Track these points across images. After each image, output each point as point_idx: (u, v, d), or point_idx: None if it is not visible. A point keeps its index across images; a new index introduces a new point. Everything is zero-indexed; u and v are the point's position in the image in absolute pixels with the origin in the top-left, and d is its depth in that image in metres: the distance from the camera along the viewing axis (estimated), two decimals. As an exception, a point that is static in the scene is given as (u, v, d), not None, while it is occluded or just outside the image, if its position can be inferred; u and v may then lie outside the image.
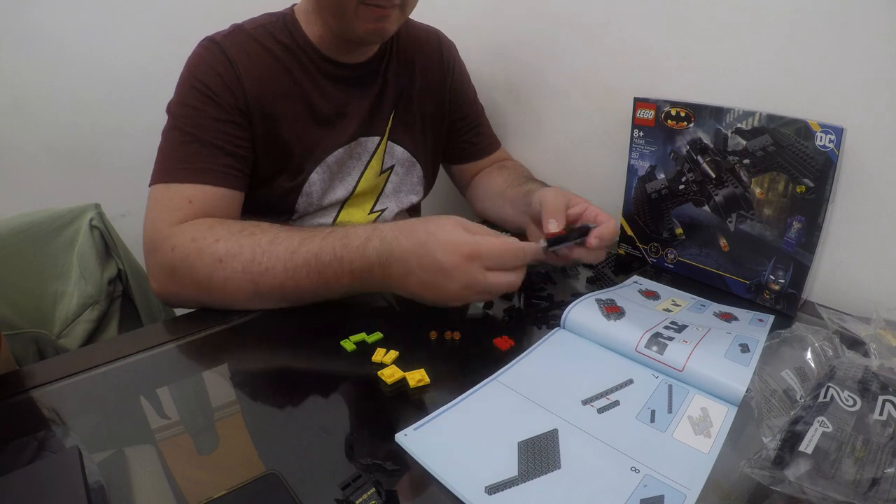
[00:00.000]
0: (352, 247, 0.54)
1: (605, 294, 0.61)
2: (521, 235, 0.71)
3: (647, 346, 0.50)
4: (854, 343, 0.46)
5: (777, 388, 0.44)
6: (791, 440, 0.36)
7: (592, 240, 0.58)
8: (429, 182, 0.87)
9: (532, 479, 0.37)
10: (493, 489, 0.36)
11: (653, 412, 0.44)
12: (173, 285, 0.58)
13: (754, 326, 0.55)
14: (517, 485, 0.36)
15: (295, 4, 0.73)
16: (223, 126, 0.63)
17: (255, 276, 0.55)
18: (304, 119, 0.70)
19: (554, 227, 0.59)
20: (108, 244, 0.83)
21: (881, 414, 0.37)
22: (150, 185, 0.62)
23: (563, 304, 0.57)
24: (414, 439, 0.40)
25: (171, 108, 0.65)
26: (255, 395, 0.47)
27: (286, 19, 0.70)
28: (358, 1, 0.61)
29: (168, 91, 0.66)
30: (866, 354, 0.44)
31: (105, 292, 0.82)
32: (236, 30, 0.68)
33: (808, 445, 0.35)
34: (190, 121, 0.62)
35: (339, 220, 0.78)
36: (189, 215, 0.59)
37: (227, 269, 0.55)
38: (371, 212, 0.81)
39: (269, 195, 0.71)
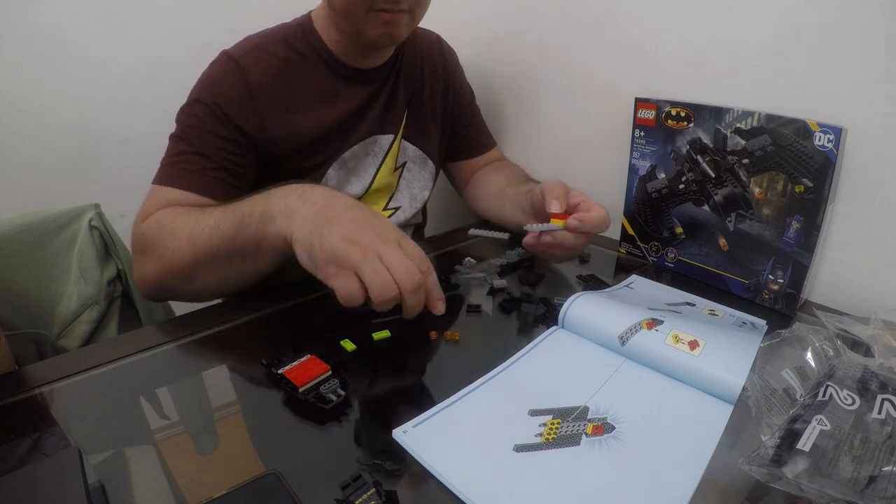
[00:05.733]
0: (274, 187, 0.54)
1: (603, 293, 0.61)
2: (521, 235, 0.71)
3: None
4: (855, 344, 0.46)
5: (777, 386, 0.44)
6: (789, 438, 0.36)
7: (572, 220, 0.60)
8: (435, 179, 0.90)
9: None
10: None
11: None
12: (143, 268, 0.60)
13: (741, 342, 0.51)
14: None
15: (312, 10, 0.74)
16: (224, 143, 0.65)
17: (192, 238, 0.55)
18: (322, 121, 0.72)
19: (556, 207, 0.61)
20: (107, 244, 0.83)
21: (880, 413, 0.37)
22: (151, 184, 0.65)
23: (559, 304, 0.57)
24: (412, 436, 0.41)
25: (179, 116, 0.66)
26: (255, 395, 0.47)
27: (304, 28, 0.72)
28: (367, 7, 0.63)
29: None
30: (867, 354, 0.44)
31: (104, 293, 0.82)
32: (255, 47, 0.69)
33: (805, 443, 0.35)
34: (192, 132, 0.65)
35: None
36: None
37: (175, 238, 0.56)
38: (384, 209, 0.83)
39: None
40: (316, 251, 0.46)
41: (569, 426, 0.42)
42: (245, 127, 0.66)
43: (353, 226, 0.47)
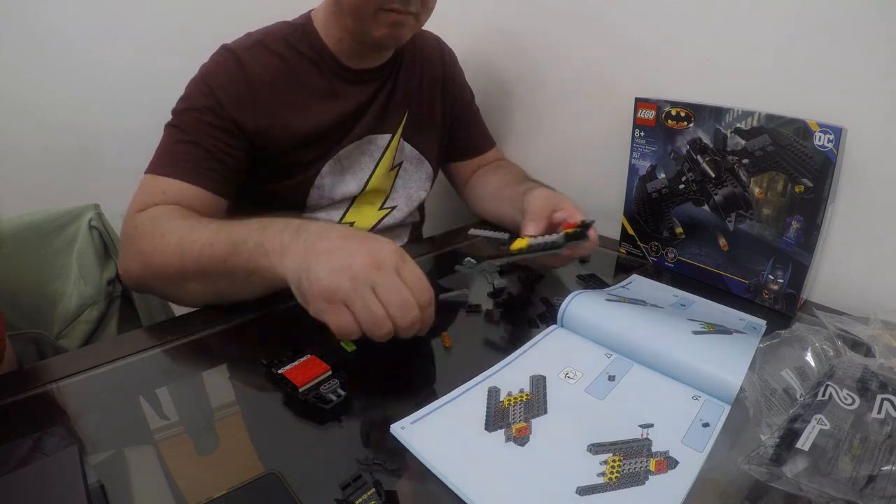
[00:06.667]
0: (271, 218, 0.53)
1: (603, 293, 0.61)
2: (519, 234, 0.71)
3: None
4: (855, 344, 0.46)
5: (777, 386, 0.44)
6: (789, 437, 0.36)
7: (566, 251, 0.58)
8: (433, 180, 0.90)
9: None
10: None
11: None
12: (129, 260, 0.60)
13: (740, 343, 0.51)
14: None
15: (312, 10, 0.74)
16: (219, 135, 0.65)
17: (183, 247, 0.55)
18: (319, 120, 0.72)
19: (532, 229, 0.61)
20: (106, 245, 0.83)
21: (879, 412, 0.37)
22: (144, 173, 0.64)
23: (558, 303, 0.57)
24: (410, 432, 0.41)
25: (176, 107, 0.67)
26: (255, 395, 0.47)
27: (305, 29, 0.72)
28: (376, 7, 0.63)
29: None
30: (867, 354, 0.44)
31: (104, 293, 0.82)
32: (256, 44, 0.69)
33: (805, 443, 0.35)
34: (188, 122, 0.65)
35: (347, 217, 0.80)
36: (160, 204, 0.61)
37: (165, 241, 0.56)
38: (381, 208, 0.83)
39: (283, 187, 0.74)
40: (304, 286, 0.44)
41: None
42: (242, 121, 0.66)
43: (344, 254, 0.44)
